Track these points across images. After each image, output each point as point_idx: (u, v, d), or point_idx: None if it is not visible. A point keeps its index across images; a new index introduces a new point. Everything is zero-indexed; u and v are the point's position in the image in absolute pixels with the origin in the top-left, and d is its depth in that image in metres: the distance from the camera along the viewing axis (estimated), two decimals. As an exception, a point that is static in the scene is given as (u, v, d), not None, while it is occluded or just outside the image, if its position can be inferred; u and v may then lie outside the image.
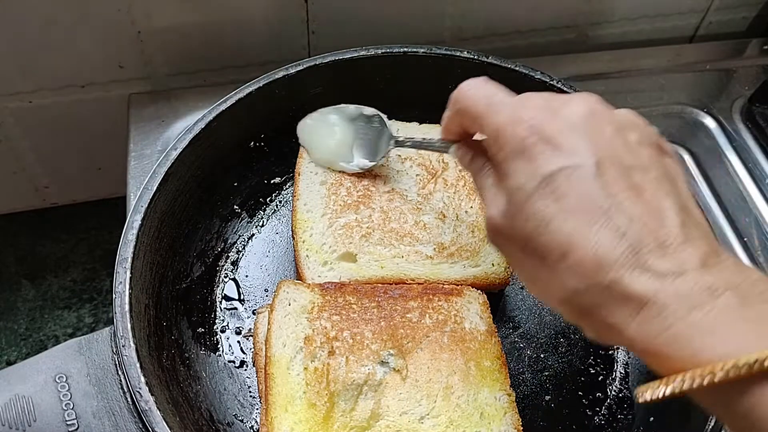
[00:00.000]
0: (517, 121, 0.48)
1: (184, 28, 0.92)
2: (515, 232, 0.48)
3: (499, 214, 0.49)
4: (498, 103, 0.52)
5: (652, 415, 0.70)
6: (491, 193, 0.51)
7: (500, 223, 0.49)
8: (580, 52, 1.09)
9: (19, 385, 0.59)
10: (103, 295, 1.14)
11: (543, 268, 0.46)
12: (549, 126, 0.47)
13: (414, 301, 0.70)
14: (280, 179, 0.86)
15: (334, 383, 0.63)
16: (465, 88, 0.55)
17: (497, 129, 0.50)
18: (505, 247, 0.51)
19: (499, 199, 0.50)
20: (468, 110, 0.54)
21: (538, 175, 0.46)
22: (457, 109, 0.56)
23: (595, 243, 0.43)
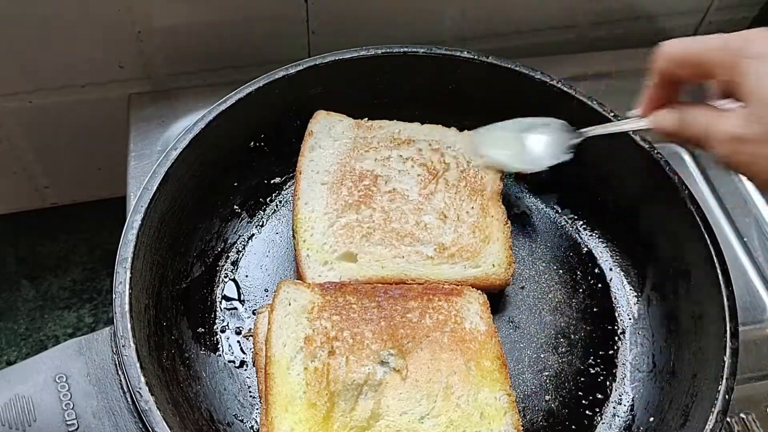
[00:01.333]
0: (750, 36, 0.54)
1: (183, 28, 0.92)
2: (763, 129, 0.52)
3: (738, 123, 0.54)
4: (716, 36, 0.56)
5: (652, 415, 0.70)
6: (718, 117, 0.57)
7: (743, 129, 0.53)
8: (580, 52, 1.09)
9: (19, 385, 0.59)
10: (103, 295, 1.14)
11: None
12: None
13: (414, 301, 0.70)
14: (280, 179, 0.86)
15: (334, 383, 0.63)
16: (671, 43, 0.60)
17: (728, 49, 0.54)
18: (747, 152, 0.54)
19: (733, 114, 0.55)
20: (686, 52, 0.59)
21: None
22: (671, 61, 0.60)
23: None
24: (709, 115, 0.59)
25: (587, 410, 0.72)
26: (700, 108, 0.60)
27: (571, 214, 0.86)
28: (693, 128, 0.60)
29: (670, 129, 0.63)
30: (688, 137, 0.61)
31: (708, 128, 0.58)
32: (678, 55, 0.60)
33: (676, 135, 0.63)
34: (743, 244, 0.91)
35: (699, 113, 0.60)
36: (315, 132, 0.82)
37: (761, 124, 0.52)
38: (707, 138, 0.58)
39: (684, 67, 0.60)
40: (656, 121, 0.65)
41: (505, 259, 0.76)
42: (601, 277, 0.81)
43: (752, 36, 0.54)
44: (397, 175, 0.80)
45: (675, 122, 0.63)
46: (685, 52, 0.59)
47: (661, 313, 0.76)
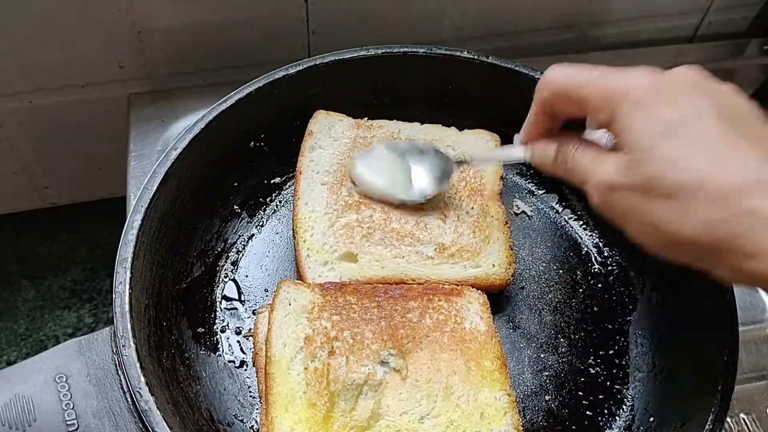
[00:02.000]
0: (632, 81, 0.52)
1: (184, 28, 0.92)
2: (637, 179, 0.50)
3: (614, 170, 0.52)
4: (600, 75, 0.54)
5: (652, 415, 0.70)
6: (595, 161, 0.55)
7: (617, 178, 0.52)
8: (580, 52, 1.09)
9: (19, 385, 0.59)
10: (103, 295, 1.14)
11: (671, 208, 0.48)
12: (664, 83, 0.51)
13: (414, 301, 0.70)
14: (280, 179, 0.86)
15: (335, 383, 0.63)
16: (554, 73, 0.57)
17: (609, 92, 0.53)
18: (620, 202, 0.52)
19: (609, 159, 0.53)
20: (568, 88, 0.56)
21: (663, 121, 0.49)
22: (552, 93, 0.57)
23: (730, 175, 0.46)
24: (586, 156, 0.56)
25: (587, 410, 0.72)
26: (581, 145, 0.58)
27: (571, 214, 0.86)
28: (570, 169, 0.58)
29: (548, 167, 0.61)
30: (567, 177, 0.59)
31: (586, 170, 0.56)
32: (559, 88, 0.57)
33: (555, 173, 0.61)
34: (743, 244, 0.91)
35: (579, 151, 0.58)
36: (315, 132, 0.82)
37: (636, 174, 0.50)
38: (584, 180, 0.56)
39: (563, 101, 0.57)
40: (536, 155, 0.63)
41: (505, 259, 0.76)
42: (601, 277, 0.81)
43: (634, 80, 0.52)
44: (397, 175, 0.80)
45: (551, 158, 0.60)
46: (566, 86, 0.56)
47: (661, 313, 0.76)
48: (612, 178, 0.52)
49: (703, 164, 0.47)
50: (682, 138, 0.48)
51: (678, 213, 0.48)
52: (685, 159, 0.48)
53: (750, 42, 1.14)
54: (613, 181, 0.52)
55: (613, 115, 0.52)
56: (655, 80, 0.52)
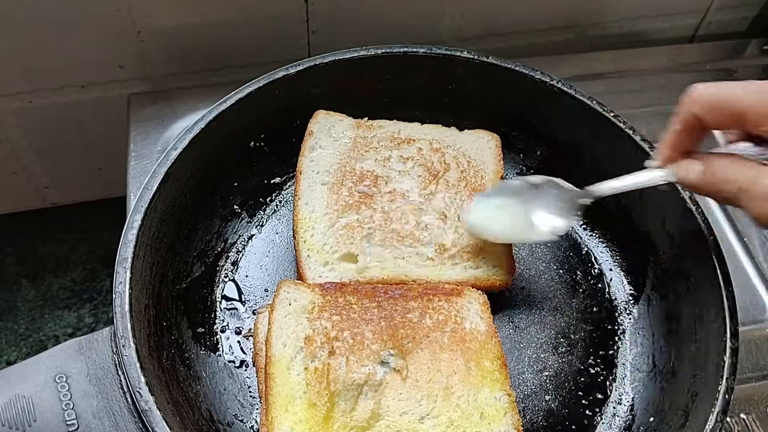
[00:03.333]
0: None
1: (184, 28, 0.92)
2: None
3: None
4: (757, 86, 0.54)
5: (652, 415, 0.70)
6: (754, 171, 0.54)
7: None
8: (580, 52, 1.09)
9: (19, 385, 0.59)
10: (103, 295, 1.14)
11: None
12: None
13: (414, 301, 0.70)
14: (280, 179, 0.86)
15: (335, 383, 0.63)
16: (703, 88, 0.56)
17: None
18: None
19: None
20: (723, 101, 0.55)
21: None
22: (704, 107, 0.56)
23: None
24: (745, 168, 0.55)
25: (587, 410, 0.72)
26: (729, 159, 0.57)
27: (571, 214, 0.86)
28: (723, 182, 0.57)
29: (696, 182, 0.59)
30: (718, 191, 0.58)
31: (744, 183, 0.54)
32: (710, 100, 0.56)
33: (703, 188, 0.59)
34: (743, 244, 0.91)
35: (729, 165, 0.56)
36: (315, 132, 0.82)
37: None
38: (741, 193, 0.54)
39: (716, 114, 0.56)
40: (681, 172, 0.61)
41: (505, 260, 0.76)
42: (601, 277, 0.81)
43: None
44: (398, 175, 0.80)
45: (701, 174, 0.59)
46: (719, 97, 0.55)
47: (661, 313, 0.76)
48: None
49: None
50: None
51: None
52: None
53: (750, 42, 1.14)
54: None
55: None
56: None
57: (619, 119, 0.79)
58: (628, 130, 0.78)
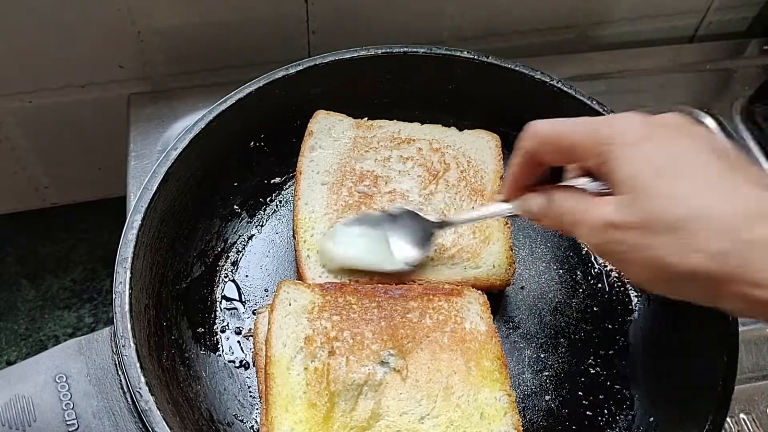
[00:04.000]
0: (621, 125, 0.53)
1: (184, 28, 0.92)
2: (635, 217, 0.50)
3: (610, 210, 0.51)
4: (587, 121, 0.55)
5: (652, 415, 0.70)
6: (588, 203, 0.54)
7: (614, 216, 0.51)
8: (580, 52, 1.09)
9: (19, 385, 0.59)
10: (103, 295, 1.14)
11: (675, 242, 0.48)
12: (654, 125, 0.52)
13: (414, 301, 0.70)
14: (280, 179, 0.86)
15: (335, 383, 0.63)
16: (538, 124, 0.58)
17: (598, 137, 0.53)
18: (618, 241, 0.51)
19: (604, 200, 0.52)
20: (554, 136, 0.57)
21: (658, 159, 0.50)
22: (538, 142, 0.58)
23: (736, 206, 0.47)
24: (580, 199, 0.56)
25: (587, 410, 0.72)
26: (568, 191, 0.58)
27: (571, 214, 0.86)
28: (562, 213, 0.58)
29: (538, 213, 0.61)
30: (557, 222, 0.59)
31: (579, 214, 0.55)
32: (543, 136, 0.57)
33: (545, 220, 0.61)
34: (743, 244, 0.90)
35: (568, 197, 0.58)
36: (315, 132, 0.82)
37: (634, 212, 0.50)
38: (577, 224, 0.55)
39: (550, 151, 0.58)
40: (524, 205, 0.62)
41: (505, 260, 0.76)
42: (601, 277, 0.81)
43: (622, 123, 0.53)
44: (398, 175, 0.80)
45: (543, 206, 0.60)
46: (553, 134, 0.57)
47: (661, 314, 0.76)
48: (609, 217, 0.51)
49: (704, 197, 0.48)
50: (680, 175, 0.49)
51: (680, 246, 0.48)
52: (685, 194, 0.48)
53: (750, 42, 1.14)
54: (610, 220, 0.51)
55: (603, 158, 0.52)
56: (644, 123, 0.52)
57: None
58: (628, 130, 0.78)
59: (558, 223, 0.59)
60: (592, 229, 0.53)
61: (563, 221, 0.58)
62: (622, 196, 0.51)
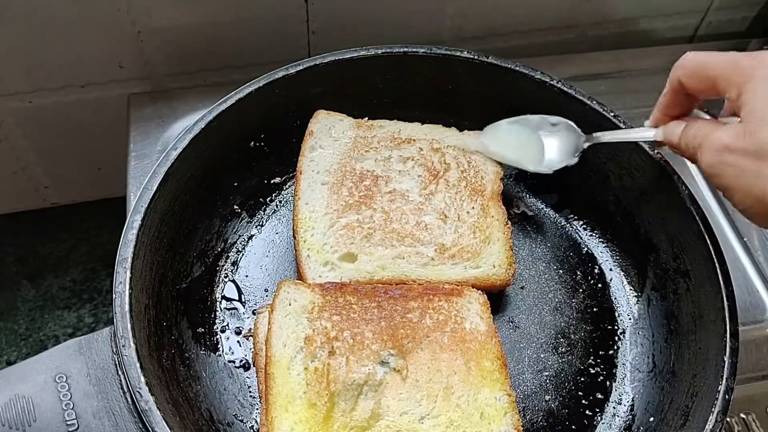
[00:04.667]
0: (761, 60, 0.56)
1: (184, 28, 0.92)
2: (751, 144, 0.54)
3: (731, 134, 0.56)
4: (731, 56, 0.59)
5: (652, 415, 0.70)
6: (716, 127, 0.58)
7: (732, 140, 0.55)
8: (580, 52, 1.09)
9: (19, 385, 0.59)
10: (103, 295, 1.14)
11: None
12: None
13: (414, 301, 0.70)
14: (280, 179, 0.86)
15: (335, 383, 0.63)
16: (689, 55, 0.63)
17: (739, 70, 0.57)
18: (732, 164, 0.55)
19: (728, 129, 0.56)
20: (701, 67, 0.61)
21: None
22: (686, 72, 0.62)
23: None
24: (705, 125, 0.60)
25: (587, 410, 0.72)
26: (704, 121, 0.62)
27: (571, 214, 0.86)
28: (690, 138, 0.62)
29: (676, 141, 0.65)
30: (688, 149, 0.62)
31: (702, 137, 0.59)
32: (691, 67, 0.61)
33: (681, 148, 0.64)
34: (743, 244, 0.91)
35: (702, 124, 0.61)
36: (315, 132, 0.82)
37: (750, 139, 0.54)
38: (700, 146, 0.59)
39: (695, 80, 0.61)
40: (664, 133, 0.67)
41: (505, 260, 0.76)
42: (601, 277, 0.81)
43: (763, 60, 0.56)
44: (398, 175, 0.80)
45: (679, 133, 0.64)
46: (698, 65, 0.61)
47: (661, 313, 0.76)
48: (727, 140, 0.55)
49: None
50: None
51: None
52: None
53: (750, 42, 1.14)
54: (727, 143, 0.55)
55: (740, 91, 0.56)
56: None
57: (619, 119, 0.79)
58: (628, 130, 0.78)
59: (689, 150, 0.62)
60: (710, 150, 0.57)
61: (690, 145, 0.61)
62: (745, 124, 0.54)
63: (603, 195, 0.84)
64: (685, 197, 0.73)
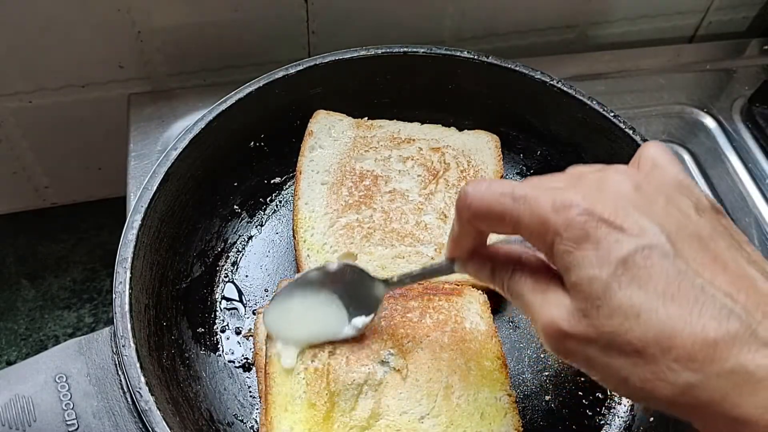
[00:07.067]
0: (565, 206, 0.42)
1: (184, 28, 0.91)
2: (594, 331, 0.42)
3: (566, 315, 0.43)
4: (525, 194, 0.45)
5: (652, 415, 0.70)
6: (540, 297, 0.46)
7: (570, 325, 0.43)
8: (580, 52, 1.09)
9: (19, 385, 0.59)
10: (103, 295, 1.14)
11: (638, 366, 0.40)
12: (602, 205, 0.42)
13: (414, 300, 0.70)
14: (280, 179, 0.86)
15: (335, 383, 0.63)
16: (473, 191, 0.47)
17: (542, 219, 0.43)
18: (578, 352, 0.43)
19: (559, 300, 0.44)
20: (492, 210, 0.46)
21: (612, 260, 0.40)
22: (473, 214, 0.48)
23: (702, 326, 0.38)
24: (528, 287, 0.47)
25: (587, 410, 0.72)
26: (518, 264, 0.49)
27: (571, 214, 0.86)
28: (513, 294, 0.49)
29: (485, 282, 0.52)
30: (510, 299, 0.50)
31: (530, 306, 0.46)
32: (482, 211, 0.47)
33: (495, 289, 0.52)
34: (743, 244, 0.90)
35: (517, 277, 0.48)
36: (315, 131, 0.82)
37: (590, 325, 0.41)
38: (531, 318, 0.47)
39: (490, 223, 0.47)
40: (468, 269, 0.54)
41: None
42: (601, 277, 0.81)
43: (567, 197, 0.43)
44: (398, 175, 0.80)
45: (489, 277, 0.52)
46: (489, 209, 0.46)
47: (661, 313, 0.76)
48: (563, 326, 0.43)
49: (670, 314, 0.39)
50: (642, 279, 0.40)
51: (648, 372, 0.40)
52: (648, 308, 0.39)
53: (750, 42, 1.14)
54: (564, 330, 0.43)
55: (552, 246, 0.43)
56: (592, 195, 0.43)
57: (619, 119, 0.79)
58: (628, 130, 0.78)
59: (514, 304, 0.50)
60: (546, 332, 0.45)
61: (517, 305, 0.49)
62: (577, 303, 0.42)
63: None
64: (685, 197, 0.73)
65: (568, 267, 0.43)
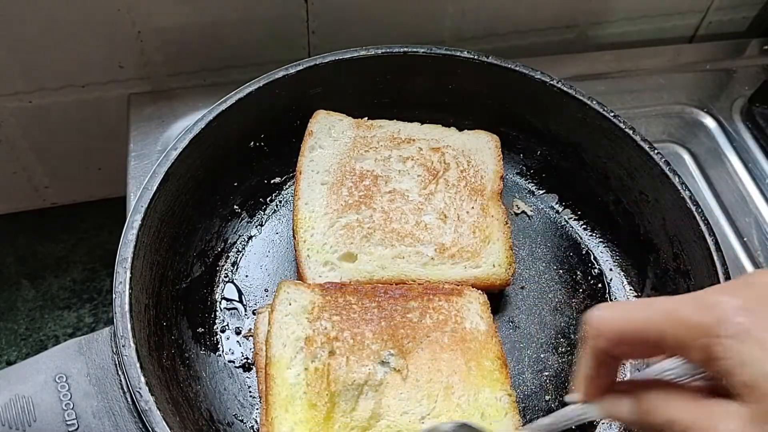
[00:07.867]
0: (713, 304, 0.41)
1: (184, 28, 0.91)
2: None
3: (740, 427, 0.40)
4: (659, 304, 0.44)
5: (652, 415, 0.70)
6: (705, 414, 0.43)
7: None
8: (580, 52, 1.09)
9: (19, 385, 0.59)
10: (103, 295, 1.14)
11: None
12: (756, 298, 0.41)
13: (414, 301, 0.70)
14: (280, 179, 0.86)
15: (335, 383, 0.63)
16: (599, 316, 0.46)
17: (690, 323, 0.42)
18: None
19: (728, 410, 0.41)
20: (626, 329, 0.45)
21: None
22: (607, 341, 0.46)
23: None
24: (688, 407, 0.44)
25: (587, 410, 0.72)
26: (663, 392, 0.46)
27: (571, 214, 0.86)
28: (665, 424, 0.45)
29: (629, 419, 0.49)
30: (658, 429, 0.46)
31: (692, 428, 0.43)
32: (619, 334, 0.45)
33: (635, 426, 0.49)
34: (743, 244, 0.91)
35: (667, 402, 0.45)
36: (315, 132, 0.82)
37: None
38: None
39: (631, 347, 0.46)
40: (609, 409, 0.50)
41: (505, 260, 0.76)
42: (601, 277, 0.81)
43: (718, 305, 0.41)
44: (397, 175, 0.80)
45: (635, 412, 0.48)
46: (629, 329, 0.45)
47: (661, 313, 0.76)
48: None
49: None
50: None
51: None
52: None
53: (750, 42, 1.14)
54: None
55: (712, 354, 0.41)
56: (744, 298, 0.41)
57: (619, 119, 0.79)
58: (628, 130, 0.78)
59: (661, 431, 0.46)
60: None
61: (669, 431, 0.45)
62: (756, 406, 0.39)
63: (603, 195, 0.84)
64: (685, 197, 0.73)
65: (732, 368, 0.40)
